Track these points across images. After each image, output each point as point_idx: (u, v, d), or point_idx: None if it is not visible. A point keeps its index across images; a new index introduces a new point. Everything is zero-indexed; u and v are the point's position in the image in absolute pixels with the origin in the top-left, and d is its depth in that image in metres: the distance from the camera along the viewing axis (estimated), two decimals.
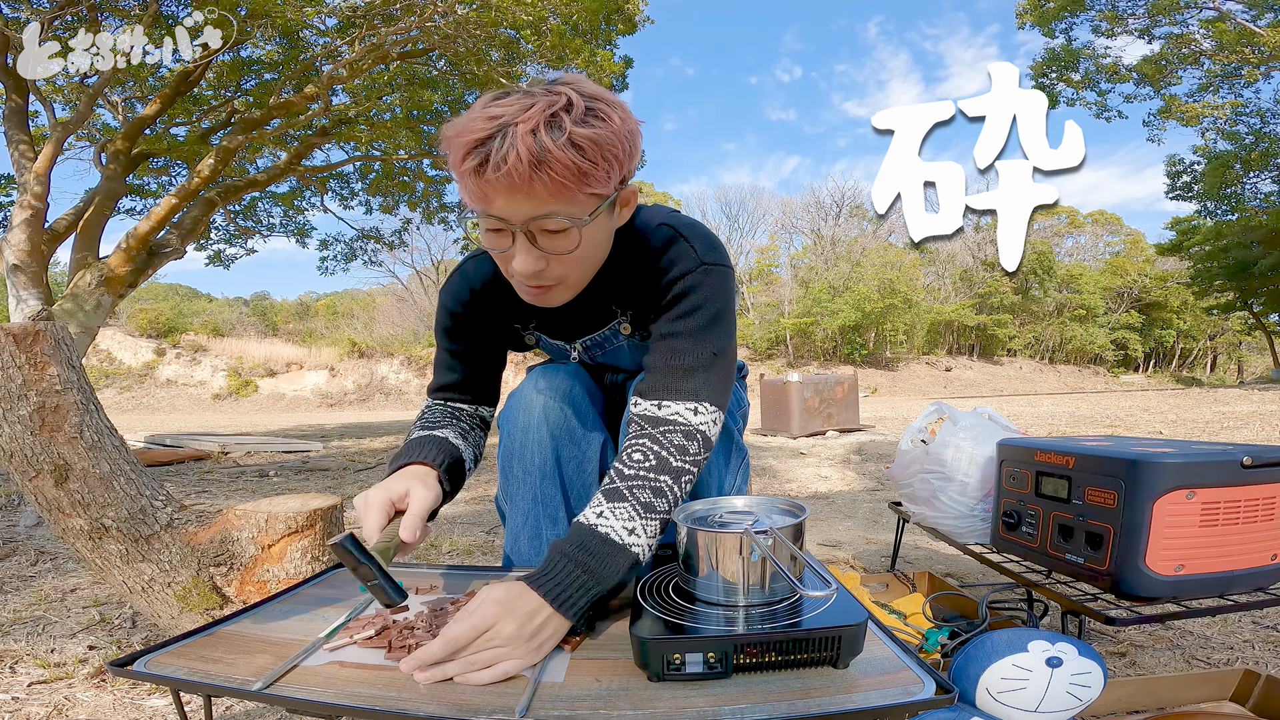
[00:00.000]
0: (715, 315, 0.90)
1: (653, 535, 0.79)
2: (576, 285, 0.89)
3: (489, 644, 0.68)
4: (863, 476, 3.88)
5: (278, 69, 6.93)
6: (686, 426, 0.86)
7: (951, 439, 1.52)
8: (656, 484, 0.81)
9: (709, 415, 0.88)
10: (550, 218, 0.76)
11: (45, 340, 1.18)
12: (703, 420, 0.87)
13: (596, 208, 0.79)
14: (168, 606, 1.28)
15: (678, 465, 0.83)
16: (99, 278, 5.88)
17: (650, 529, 0.79)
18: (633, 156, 0.81)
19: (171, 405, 19.31)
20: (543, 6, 6.26)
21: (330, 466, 4.60)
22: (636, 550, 0.77)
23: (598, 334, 1.07)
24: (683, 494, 0.83)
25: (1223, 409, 7.96)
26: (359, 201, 9.81)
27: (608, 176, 0.77)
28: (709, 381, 0.89)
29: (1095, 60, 13.74)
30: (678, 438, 0.84)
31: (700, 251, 0.91)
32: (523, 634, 0.69)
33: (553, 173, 0.72)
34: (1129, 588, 1.08)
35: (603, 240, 0.87)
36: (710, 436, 0.88)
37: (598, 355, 1.12)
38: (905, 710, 0.59)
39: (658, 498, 0.80)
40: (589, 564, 0.75)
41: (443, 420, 1.05)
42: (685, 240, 0.91)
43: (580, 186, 0.75)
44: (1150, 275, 34.43)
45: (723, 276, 0.92)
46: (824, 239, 34.32)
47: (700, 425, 0.87)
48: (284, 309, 38.09)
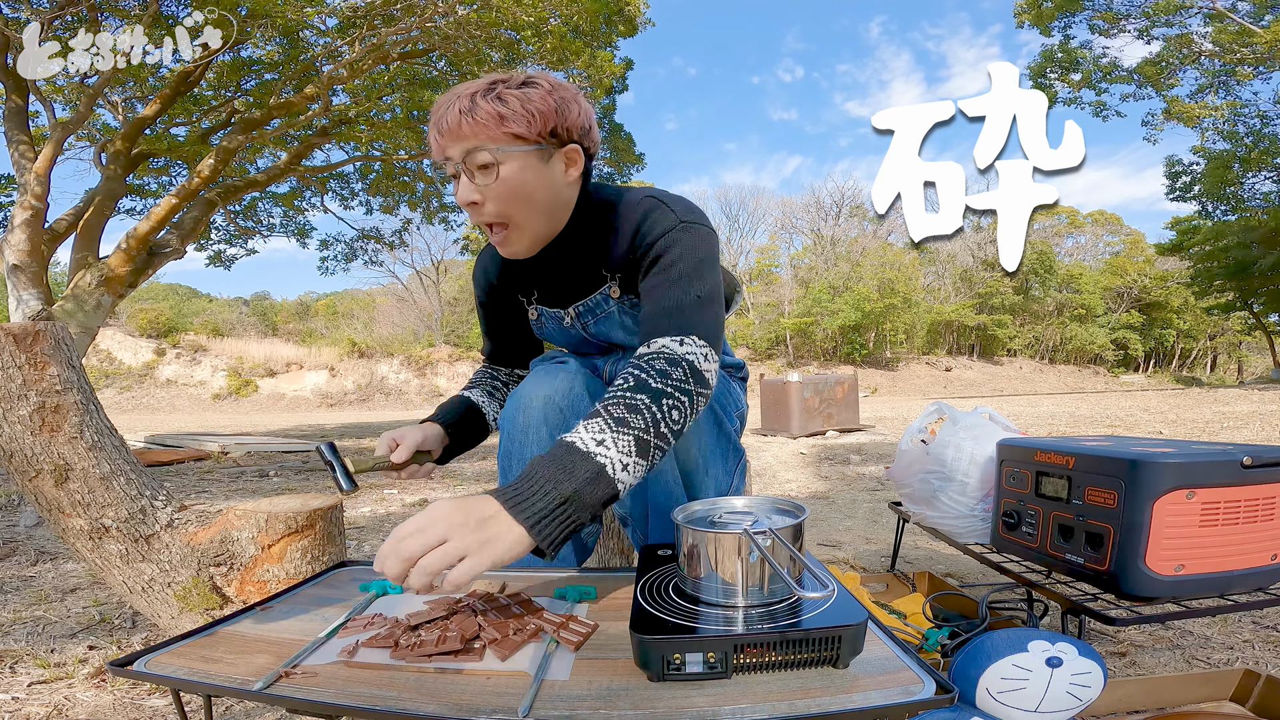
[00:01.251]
0: (697, 264, 0.96)
1: (625, 450, 0.77)
2: (527, 226, 0.99)
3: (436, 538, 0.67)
4: (863, 476, 3.88)
5: (278, 69, 6.94)
6: (670, 354, 0.88)
7: (951, 439, 1.52)
8: (631, 401, 0.81)
9: (696, 347, 0.90)
10: (476, 152, 0.92)
11: (45, 340, 1.18)
12: (689, 350, 0.89)
13: (515, 146, 0.93)
14: (168, 606, 1.28)
15: (657, 386, 0.83)
16: (99, 278, 5.89)
17: (622, 443, 0.77)
18: (563, 117, 0.95)
19: (171, 405, 19.31)
20: (543, 7, 6.26)
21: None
22: (603, 460, 0.75)
23: (589, 299, 1.12)
24: (664, 416, 0.82)
25: (1223, 409, 7.96)
26: (359, 201, 9.82)
27: (528, 124, 0.92)
28: (695, 319, 0.92)
29: (1093, 60, 13.75)
30: (660, 363, 0.86)
31: (680, 212, 0.99)
32: (467, 521, 0.69)
33: (475, 117, 0.90)
34: (1129, 588, 1.08)
35: (537, 183, 0.96)
36: (699, 368, 0.88)
37: (590, 323, 1.15)
38: (905, 710, 0.59)
39: (631, 413, 0.79)
40: (547, 470, 0.74)
41: (476, 382, 1.27)
42: (665, 205, 1.00)
43: (499, 126, 0.91)
44: (1150, 275, 34.43)
45: (702, 234, 0.98)
46: (824, 239, 34.33)
47: (686, 354, 0.88)
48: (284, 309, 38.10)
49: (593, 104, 8.61)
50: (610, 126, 9.45)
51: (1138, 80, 13.64)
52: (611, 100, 9.09)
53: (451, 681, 0.66)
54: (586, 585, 0.90)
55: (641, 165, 10.09)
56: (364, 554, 2.24)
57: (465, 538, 0.68)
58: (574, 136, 0.98)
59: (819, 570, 0.75)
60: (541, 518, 0.71)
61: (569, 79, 7.63)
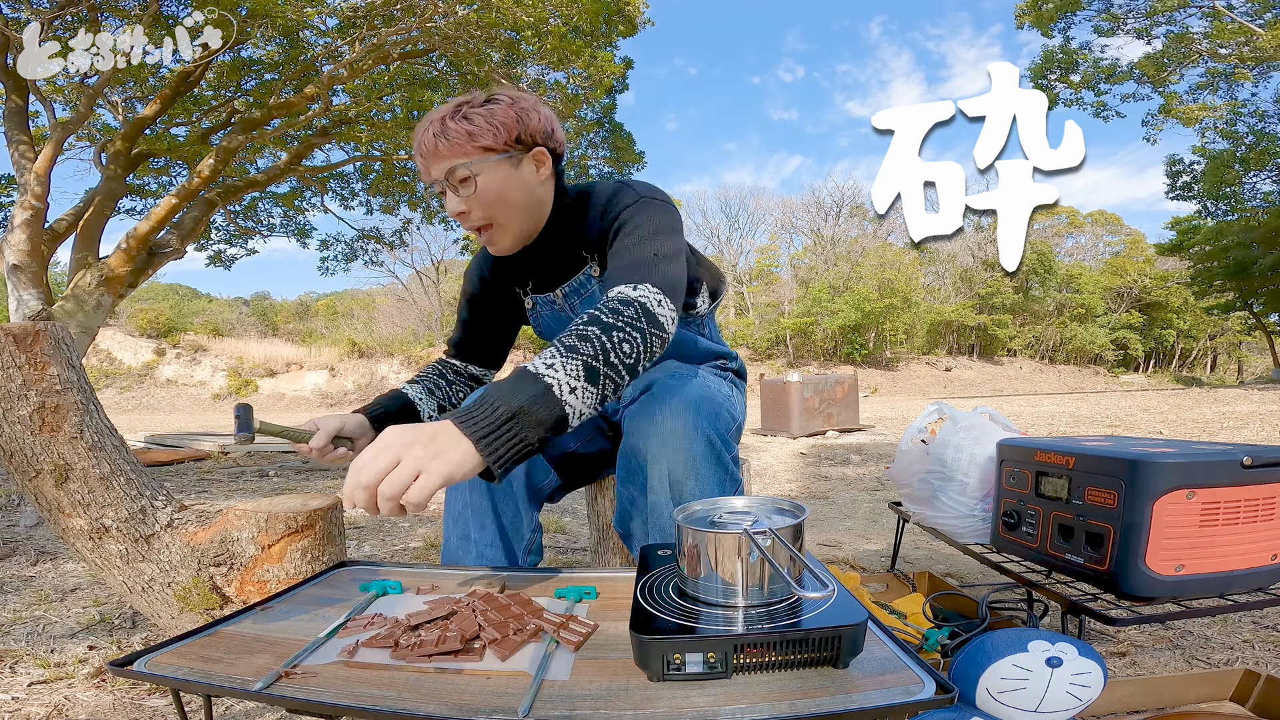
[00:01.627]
0: (654, 230, 1.03)
1: (573, 374, 0.80)
2: (510, 225, 1.10)
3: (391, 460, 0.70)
4: (863, 476, 3.88)
5: (278, 69, 6.93)
6: (624, 296, 0.91)
7: (951, 439, 1.52)
8: (582, 332, 0.85)
9: (649, 292, 0.93)
10: (455, 170, 1.03)
11: (45, 340, 1.18)
12: (640, 294, 0.92)
13: (486, 158, 1.04)
14: (168, 606, 1.28)
15: (608, 321, 0.87)
16: (99, 278, 5.89)
17: (570, 367, 0.80)
18: (523, 126, 1.05)
19: (171, 405, 19.30)
20: (543, 8, 6.26)
21: (330, 467, 4.60)
22: (550, 380, 0.78)
23: (574, 280, 1.22)
24: (614, 347, 0.84)
25: (1223, 409, 7.96)
26: (359, 201, 9.82)
27: (493, 136, 1.03)
28: (650, 271, 0.97)
29: (1094, 61, 13.74)
30: (612, 304, 0.90)
31: (640, 189, 1.10)
32: (417, 439, 0.71)
33: (448, 138, 1.02)
34: (1129, 588, 1.08)
35: (511, 185, 1.07)
36: (652, 310, 0.91)
37: (576, 303, 1.24)
38: (905, 710, 0.59)
39: (581, 342, 0.83)
40: (497, 390, 0.78)
41: (421, 377, 1.33)
42: (628, 186, 1.12)
43: (469, 143, 1.02)
44: (1150, 275, 34.43)
45: (659, 205, 1.08)
46: (824, 239, 34.32)
47: (638, 297, 0.91)
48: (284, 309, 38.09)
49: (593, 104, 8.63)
50: (610, 126, 9.44)
51: (1137, 77, 13.63)
52: (611, 100, 9.09)
53: (451, 681, 0.66)
54: (587, 585, 0.90)
55: (642, 164, 10.09)
56: (364, 554, 2.24)
57: (416, 455, 0.70)
58: (538, 140, 1.08)
59: (819, 570, 0.75)
60: (489, 432, 0.74)
61: (569, 79, 7.65)
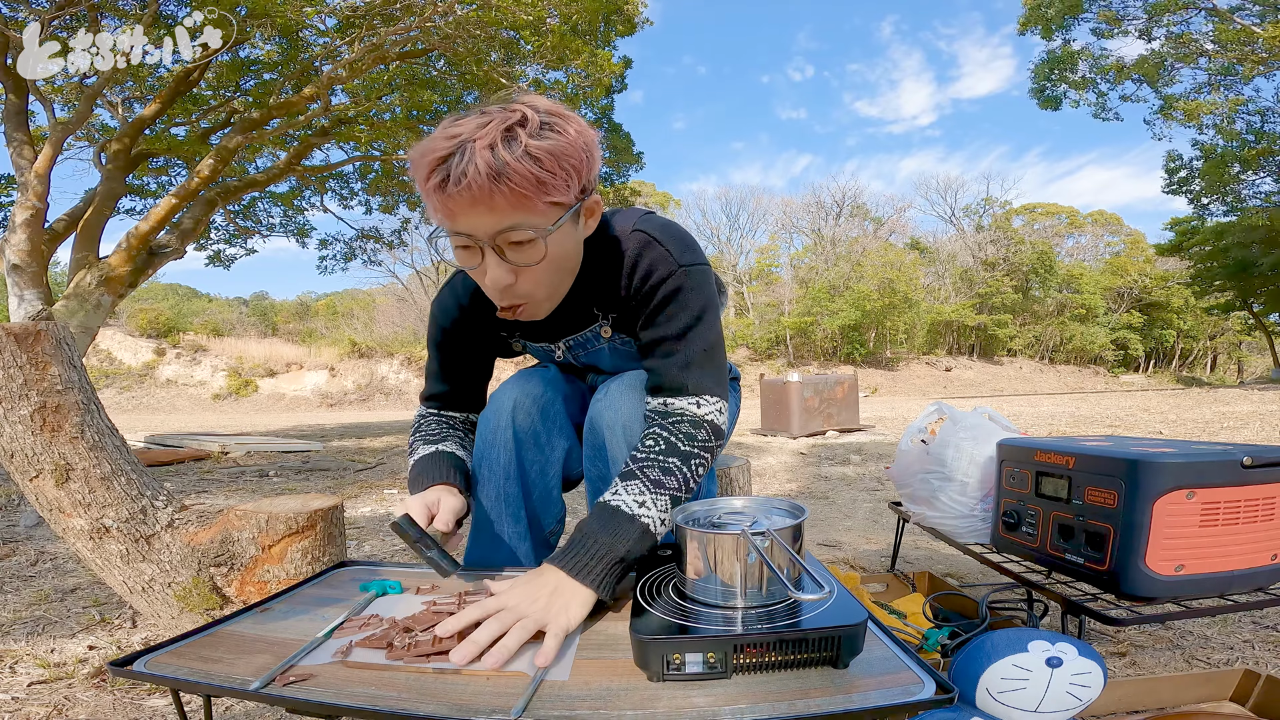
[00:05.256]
0: (700, 313, 0.95)
1: (663, 509, 0.85)
2: (546, 300, 0.93)
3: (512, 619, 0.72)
4: (863, 476, 3.88)
5: (277, 69, 6.93)
6: (693, 417, 0.93)
7: (951, 439, 1.52)
8: (665, 464, 0.87)
9: (712, 405, 0.95)
10: (515, 230, 0.79)
11: (47, 340, 1.18)
12: (707, 411, 0.94)
13: (559, 217, 0.82)
14: (168, 606, 1.28)
15: (685, 449, 0.90)
16: (99, 278, 5.89)
17: (660, 503, 0.85)
18: (591, 166, 0.84)
19: (171, 405, 19.30)
20: (542, 7, 6.26)
21: (330, 467, 4.61)
22: (646, 520, 0.83)
23: (579, 335, 1.10)
24: (693, 475, 0.89)
25: (1223, 409, 7.96)
26: (359, 201, 9.82)
27: (566, 185, 0.80)
28: (706, 375, 0.95)
29: (1095, 62, 13.74)
30: (685, 426, 0.92)
31: (676, 254, 0.94)
32: (537, 596, 0.75)
33: (512, 184, 0.75)
34: (1129, 588, 1.08)
35: (570, 251, 0.90)
36: (718, 424, 0.95)
37: (580, 355, 1.15)
38: (905, 710, 0.59)
39: (666, 475, 0.87)
40: (601, 535, 0.81)
41: (441, 432, 1.13)
42: (660, 244, 0.95)
43: (539, 196, 0.78)
44: (1151, 275, 34.43)
45: (701, 275, 0.96)
46: (824, 239, 34.32)
47: (706, 415, 0.94)
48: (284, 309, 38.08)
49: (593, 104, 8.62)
50: (609, 126, 9.44)
51: (1136, 78, 13.63)
52: (610, 100, 9.09)
53: (450, 682, 0.66)
54: None
55: (640, 166, 10.08)
56: (364, 554, 2.24)
57: (540, 611, 0.73)
58: (595, 184, 0.89)
59: (818, 571, 0.75)
60: (602, 578, 0.79)
61: (568, 78, 7.65)
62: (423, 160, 0.77)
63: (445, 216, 0.80)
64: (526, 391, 1.11)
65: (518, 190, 0.76)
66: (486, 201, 0.76)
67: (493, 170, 0.74)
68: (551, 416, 1.12)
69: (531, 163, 0.75)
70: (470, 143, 0.75)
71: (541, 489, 1.12)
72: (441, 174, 0.76)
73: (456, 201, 0.77)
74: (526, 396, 1.10)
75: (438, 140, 0.77)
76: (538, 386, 1.12)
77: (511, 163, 0.74)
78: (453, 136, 0.76)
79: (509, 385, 1.13)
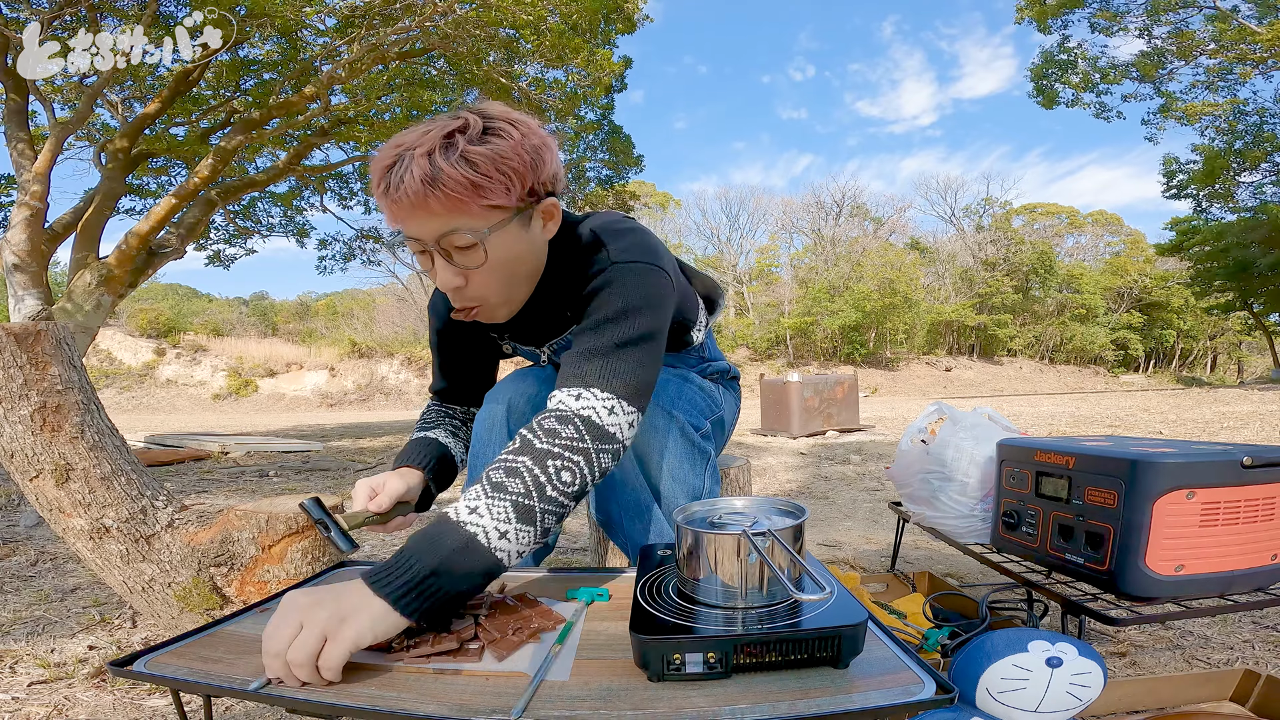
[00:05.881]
0: (623, 309, 0.89)
1: (501, 517, 0.74)
2: (502, 302, 0.93)
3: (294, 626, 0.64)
4: (863, 476, 3.88)
5: (277, 69, 6.94)
6: (563, 412, 0.83)
7: (951, 439, 1.52)
8: (512, 465, 0.78)
9: (595, 399, 0.84)
10: (455, 233, 0.82)
11: (47, 340, 1.19)
12: (585, 405, 0.83)
13: (498, 221, 0.83)
14: (168, 606, 1.28)
15: (541, 448, 0.79)
16: (99, 278, 5.88)
17: (497, 510, 0.74)
18: (538, 169, 0.84)
19: (171, 405, 19.31)
20: (542, 6, 6.26)
21: (330, 466, 4.61)
22: (474, 529, 0.73)
23: (560, 339, 1.10)
24: (549, 478, 0.78)
25: (1223, 409, 7.96)
26: (358, 201, 9.82)
27: (505, 189, 0.81)
28: (605, 369, 0.85)
29: (1093, 61, 13.74)
30: (550, 422, 0.82)
31: (613, 252, 0.93)
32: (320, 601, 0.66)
33: (445, 189, 0.77)
34: (1129, 588, 1.08)
35: (520, 254, 0.89)
36: (600, 423, 0.83)
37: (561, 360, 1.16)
38: (905, 710, 0.59)
39: (510, 477, 0.76)
40: (418, 543, 0.72)
41: (437, 420, 1.19)
42: (603, 243, 0.94)
43: (475, 199, 0.79)
44: (1151, 275, 34.44)
45: (635, 272, 0.91)
46: (824, 239, 34.33)
47: (581, 409, 0.83)
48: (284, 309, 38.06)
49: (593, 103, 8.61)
50: (610, 128, 9.43)
51: (1135, 75, 13.62)
52: (610, 100, 9.08)
53: (450, 682, 0.66)
54: (600, 587, 0.89)
55: (640, 168, 10.07)
56: (364, 554, 2.24)
57: (321, 620, 0.64)
58: (550, 188, 0.87)
59: (818, 572, 0.75)
60: (406, 591, 0.68)
61: (568, 77, 7.64)
62: (373, 168, 0.82)
63: (393, 220, 0.83)
64: (521, 390, 1.12)
65: (451, 195, 0.78)
66: (423, 206, 0.79)
67: (427, 176, 0.77)
68: None
69: (466, 167, 0.77)
70: (410, 150, 0.78)
71: None
72: (385, 181, 0.80)
73: (398, 207, 0.80)
74: (520, 395, 1.12)
75: (386, 149, 0.81)
76: (532, 385, 1.13)
77: (445, 168, 0.76)
78: (397, 145, 0.80)
79: (505, 383, 1.16)
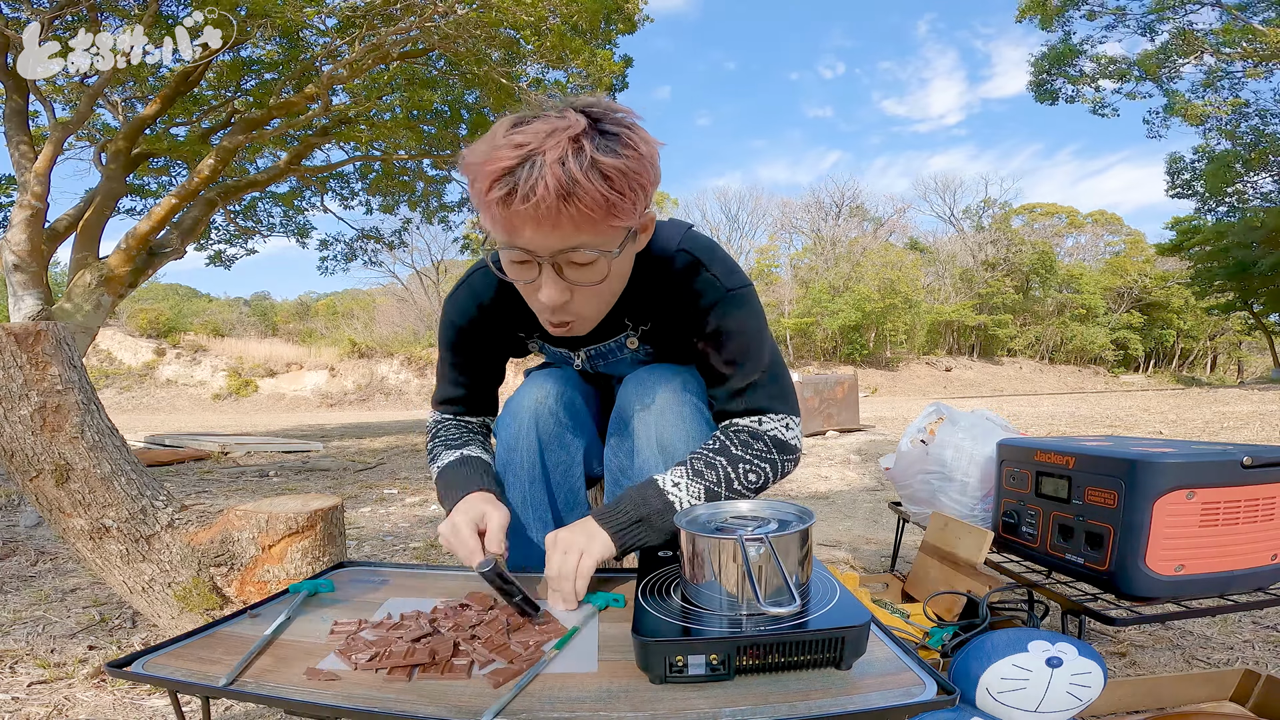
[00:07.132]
0: (755, 334, 0.97)
1: (695, 495, 0.90)
2: (597, 316, 0.93)
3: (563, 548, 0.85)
4: (863, 476, 3.88)
5: (278, 69, 6.94)
6: (753, 429, 0.97)
7: (951, 439, 1.52)
8: (710, 460, 0.92)
9: (776, 422, 0.98)
10: (578, 250, 0.76)
11: (47, 340, 1.18)
12: (769, 427, 0.97)
13: (623, 239, 0.80)
14: (168, 606, 1.28)
15: (736, 454, 0.93)
16: (99, 278, 5.89)
17: (693, 489, 0.90)
18: (657, 182, 0.80)
19: (171, 405, 19.31)
20: (543, 6, 6.26)
21: (330, 467, 4.61)
22: (673, 498, 0.89)
23: (603, 344, 1.07)
24: (738, 477, 0.92)
25: (1223, 409, 7.95)
26: (359, 201, 9.81)
27: (634, 207, 0.76)
28: (770, 394, 0.98)
29: (1095, 59, 13.73)
30: (743, 435, 0.96)
31: (723, 279, 0.95)
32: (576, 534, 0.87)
33: (581, 205, 0.71)
34: (1129, 588, 1.08)
35: (627, 269, 0.91)
36: (783, 439, 0.97)
37: (600, 365, 1.13)
38: (907, 711, 0.59)
39: (708, 469, 0.91)
40: (632, 496, 0.90)
41: (463, 437, 1.10)
42: (706, 269, 0.95)
43: (607, 219, 0.74)
44: (1151, 275, 34.42)
45: (749, 298, 0.98)
46: (824, 239, 34.32)
47: (767, 431, 0.97)
48: (284, 309, 38.05)
49: None
50: None
51: (1138, 73, 13.60)
52: (611, 98, 9.07)
53: (450, 682, 0.66)
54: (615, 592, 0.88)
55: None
56: (364, 554, 2.24)
57: (580, 544, 0.86)
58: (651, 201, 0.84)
59: (818, 576, 0.75)
60: (621, 529, 0.88)
61: (569, 78, 7.64)
62: (485, 169, 0.72)
63: (506, 230, 0.75)
64: (548, 391, 1.09)
65: (585, 212, 0.72)
66: (553, 220, 0.72)
67: (563, 188, 0.70)
68: (573, 415, 1.11)
69: (603, 182, 0.71)
70: (540, 154, 0.70)
71: (566, 490, 1.11)
72: (506, 186, 0.71)
73: (521, 217, 0.72)
74: (549, 396, 1.09)
75: (503, 149, 0.71)
76: (558, 385, 1.10)
77: (583, 181, 0.70)
78: (519, 145, 0.71)
79: (528, 387, 1.11)
